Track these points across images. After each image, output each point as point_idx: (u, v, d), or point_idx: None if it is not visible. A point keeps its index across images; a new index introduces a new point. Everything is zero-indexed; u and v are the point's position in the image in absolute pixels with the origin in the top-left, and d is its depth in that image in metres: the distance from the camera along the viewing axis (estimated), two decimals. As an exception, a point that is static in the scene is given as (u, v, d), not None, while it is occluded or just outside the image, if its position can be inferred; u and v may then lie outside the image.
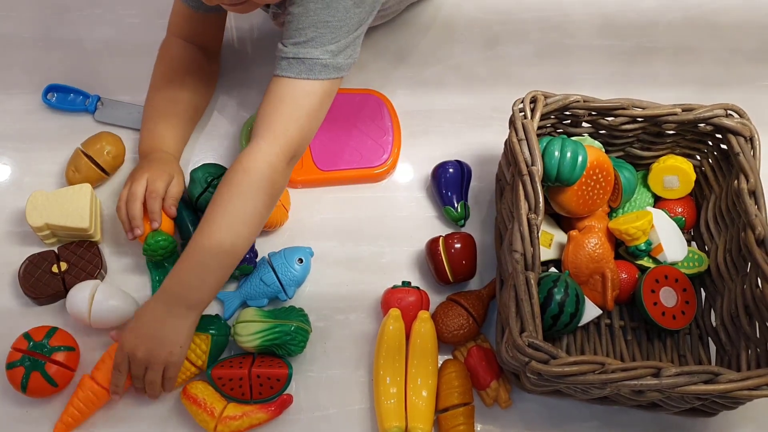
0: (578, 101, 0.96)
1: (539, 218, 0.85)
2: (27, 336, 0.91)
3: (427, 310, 0.99)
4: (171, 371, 0.89)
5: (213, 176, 1.02)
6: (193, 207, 1.04)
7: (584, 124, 1.02)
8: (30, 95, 1.16)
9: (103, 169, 1.06)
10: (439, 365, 0.96)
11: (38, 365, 0.89)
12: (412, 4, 1.26)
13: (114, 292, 0.95)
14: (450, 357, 0.98)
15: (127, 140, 1.10)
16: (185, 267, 0.89)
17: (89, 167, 1.05)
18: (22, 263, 0.99)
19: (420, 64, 1.24)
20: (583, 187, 0.97)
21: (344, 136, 1.13)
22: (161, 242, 0.96)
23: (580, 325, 0.95)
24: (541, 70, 1.26)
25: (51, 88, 1.15)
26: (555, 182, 0.94)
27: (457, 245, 1.01)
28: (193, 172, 1.03)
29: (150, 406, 0.94)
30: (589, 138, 1.03)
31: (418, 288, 1.00)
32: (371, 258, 1.06)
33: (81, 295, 0.93)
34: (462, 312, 0.97)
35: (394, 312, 0.96)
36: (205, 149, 1.14)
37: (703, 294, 1.02)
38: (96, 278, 0.99)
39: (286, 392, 0.93)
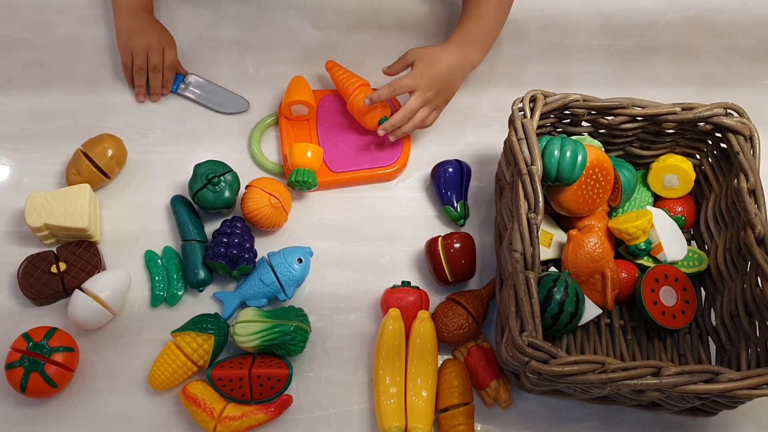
0: (578, 100, 0.96)
1: (539, 218, 0.85)
2: (26, 336, 0.91)
3: (427, 309, 0.99)
4: (435, 115, 1.12)
5: (215, 174, 1.03)
6: (191, 203, 1.05)
7: (584, 124, 1.02)
8: (30, 95, 1.16)
9: (104, 173, 1.06)
10: (439, 365, 0.96)
11: (37, 366, 0.89)
12: (412, 3, 1.26)
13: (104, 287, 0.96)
14: (450, 357, 0.98)
15: (129, 143, 1.09)
16: (478, 29, 1.13)
17: (91, 171, 1.04)
18: (21, 263, 0.99)
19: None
20: (583, 187, 0.97)
21: (355, 138, 1.13)
22: (305, 181, 1.06)
23: (580, 324, 0.95)
24: (541, 70, 1.26)
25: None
26: (555, 181, 0.94)
27: (456, 245, 1.01)
28: (196, 166, 1.04)
29: (150, 406, 0.93)
30: (588, 137, 1.03)
31: (417, 288, 1.00)
32: (371, 258, 1.06)
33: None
34: (462, 312, 0.97)
35: (394, 312, 0.96)
36: (213, 147, 1.13)
37: (703, 293, 1.02)
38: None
39: (285, 392, 0.93)
